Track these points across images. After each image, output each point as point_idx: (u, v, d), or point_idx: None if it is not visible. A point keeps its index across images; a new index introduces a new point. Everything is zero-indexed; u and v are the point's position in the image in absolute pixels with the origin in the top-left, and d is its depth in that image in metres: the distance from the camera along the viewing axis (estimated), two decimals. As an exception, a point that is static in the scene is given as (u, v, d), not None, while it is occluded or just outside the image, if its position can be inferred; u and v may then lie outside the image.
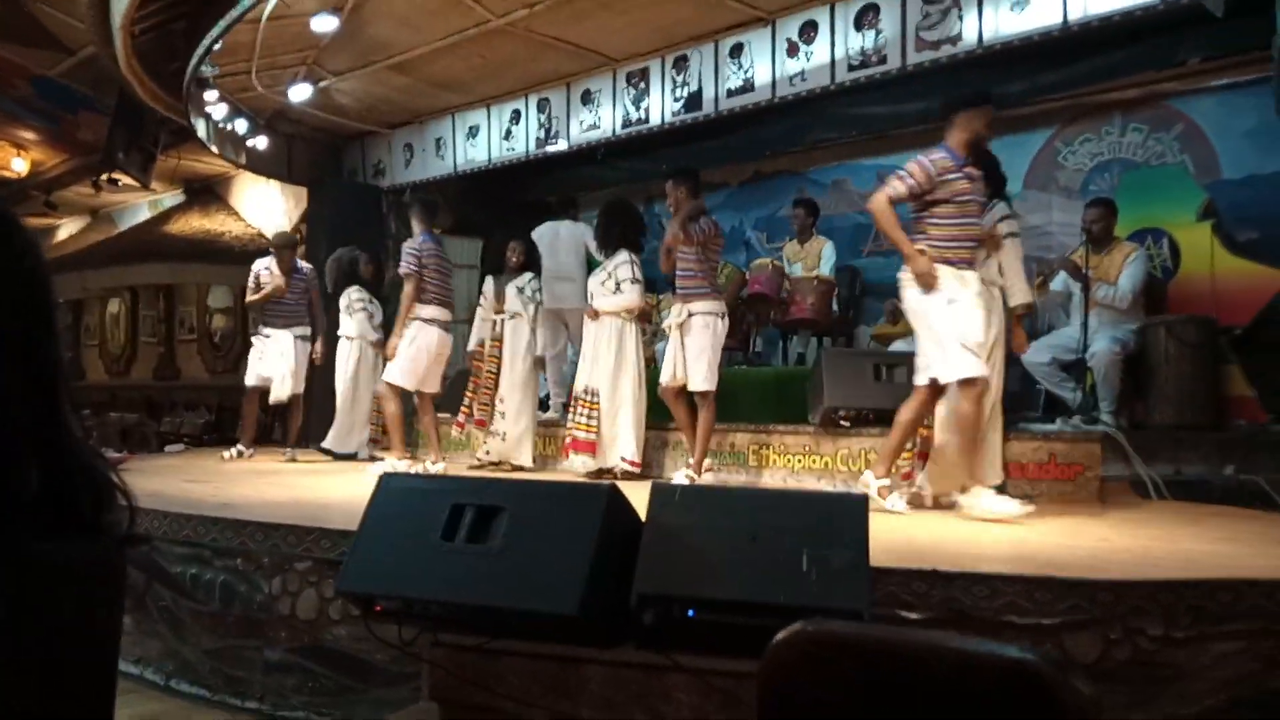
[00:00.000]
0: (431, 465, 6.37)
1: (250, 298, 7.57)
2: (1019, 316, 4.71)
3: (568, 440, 6.08)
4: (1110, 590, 2.72)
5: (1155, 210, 6.51)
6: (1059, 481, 4.93)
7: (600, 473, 5.88)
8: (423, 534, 2.53)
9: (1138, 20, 5.33)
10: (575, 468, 5.95)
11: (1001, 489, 4.49)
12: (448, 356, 6.55)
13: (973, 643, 0.85)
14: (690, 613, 2.37)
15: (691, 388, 5.53)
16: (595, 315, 5.98)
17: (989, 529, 4.07)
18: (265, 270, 7.43)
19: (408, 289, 6.28)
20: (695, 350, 5.50)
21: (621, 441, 5.93)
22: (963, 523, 4.27)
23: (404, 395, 6.55)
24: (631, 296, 5.96)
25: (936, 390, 4.33)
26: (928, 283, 4.21)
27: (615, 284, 5.94)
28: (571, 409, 6.11)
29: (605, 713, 2.56)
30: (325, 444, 7.56)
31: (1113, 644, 2.69)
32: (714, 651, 2.40)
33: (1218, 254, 6.14)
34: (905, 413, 4.42)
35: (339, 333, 7.66)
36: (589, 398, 5.93)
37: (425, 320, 6.32)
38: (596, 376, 5.93)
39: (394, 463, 6.19)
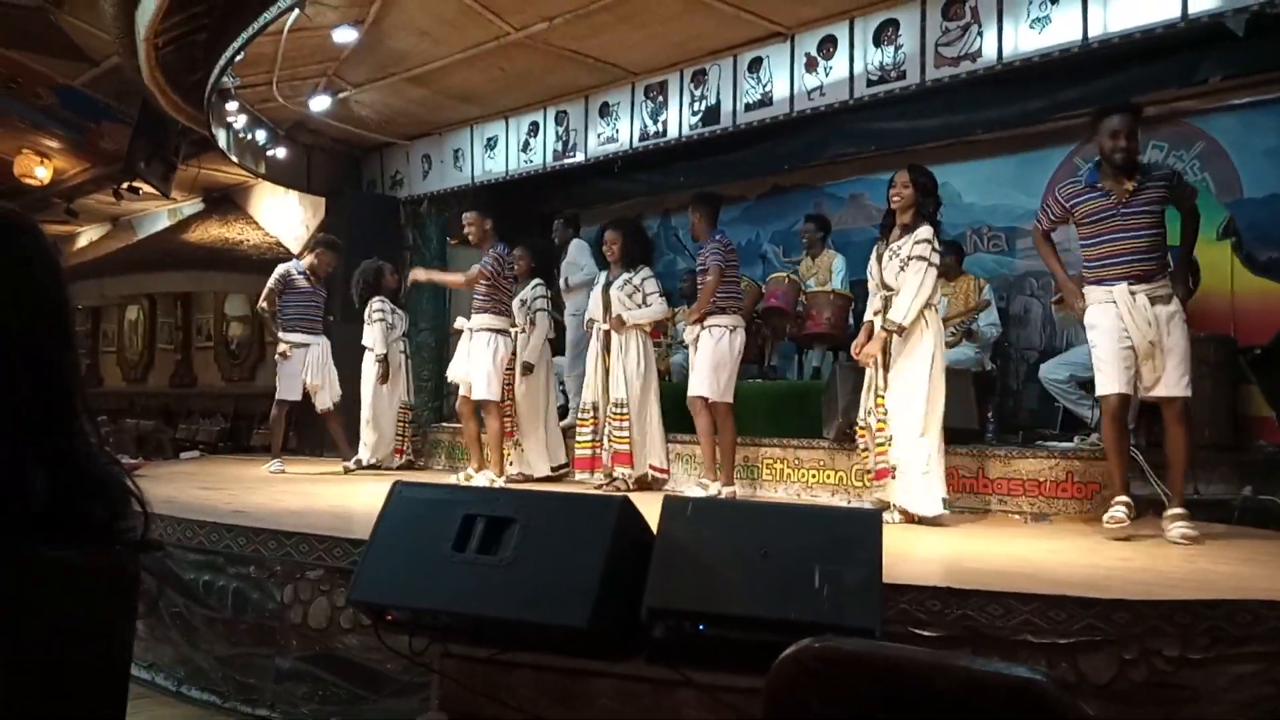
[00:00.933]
0: (478, 474, 6.40)
1: (262, 302, 7.47)
2: (885, 329, 4.74)
3: (599, 453, 6.08)
4: (1126, 610, 2.69)
5: (1175, 228, 6.44)
6: (1076, 500, 4.90)
7: (616, 480, 5.94)
8: (434, 544, 2.53)
9: (1158, 38, 5.30)
10: (616, 478, 6.02)
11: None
12: None
13: (979, 662, 0.84)
14: (701, 627, 2.36)
15: (701, 393, 5.62)
16: (621, 325, 6.01)
17: (1004, 546, 4.05)
18: (300, 275, 7.37)
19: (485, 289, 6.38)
20: (701, 359, 5.64)
21: (651, 450, 6.04)
22: (978, 540, 4.25)
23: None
24: (662, 308, 6.16)
25: (1121, 403, 4.38)
26: (1071, 308, 4.52)
27: (643, 297, 6.03)
28: (596, 421, 6.11)
29: (614, 727, 2.55)
30: (361, 458, 7.58)
31: (1128, 664, 2.66)
32: (724, 667, 2.39)
33: (1238, 273, 6.09)
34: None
35: (364, 343, 7.71)
36: (620, 410, 5.98)
37: (499, 331, 6.42)
38: (624, 388, 5.98)
39: (491, 476, 6.30)
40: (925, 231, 4.79)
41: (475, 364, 6.34)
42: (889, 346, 4.84)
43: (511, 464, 6.74)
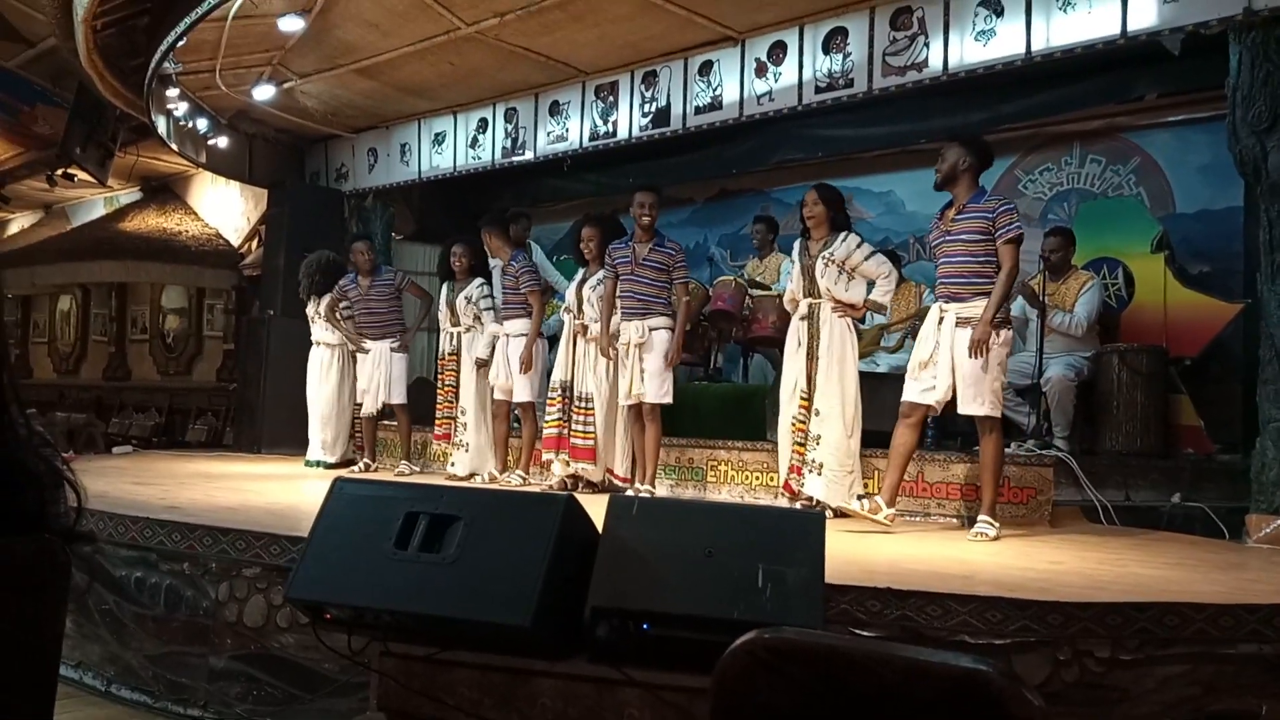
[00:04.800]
0: (503, 474, 6.46)
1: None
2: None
3: (565, 433, 5.98)
4: (1060, 612, 2.75)
5: (1110, 240, 6.63)
6: (1012, 504, 4.98)
7: (585, 484, 5.89)
8: (375, 542, 2.49)
9: (1098, 54, 5.44)
10: (558, 472, 5.98)
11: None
12: None
13: (925, 652, 0.85)
14: (645, 627, 2.35)
15: (650, 399, 5.56)
16: (585, 334, 5.95)
17: (943, 549, 4.11)
18: (350, 282, 7.30)
19: (539, 307, 6.37)
20: (656, 365, 5.56)
21: (614, 456, 5.96)
22: (917, 542, 4.31)
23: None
24: None
25: (910, 408, 4.69)
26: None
27: None
28: (565, 401, 6.00)
29: (556, 726, 2.54)
30: (313, 456, 7.45)
31: (1061, 665, 2.72)
32: (668, 667, 2.39)
33: (1170, 285, 6.25)
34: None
35: (315, 339, 7.53)
36: (586, 405, 5.91)
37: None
38: (590, 384, 5.91)
39: (521, 475, 6.39)
40: (852, 237, 5.14)
41: (516, 367, 6.32)
42: (817, 349, 5.07)
43: (454, 464, 6.69)
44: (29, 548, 0.98)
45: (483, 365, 6.62)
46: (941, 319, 4.59)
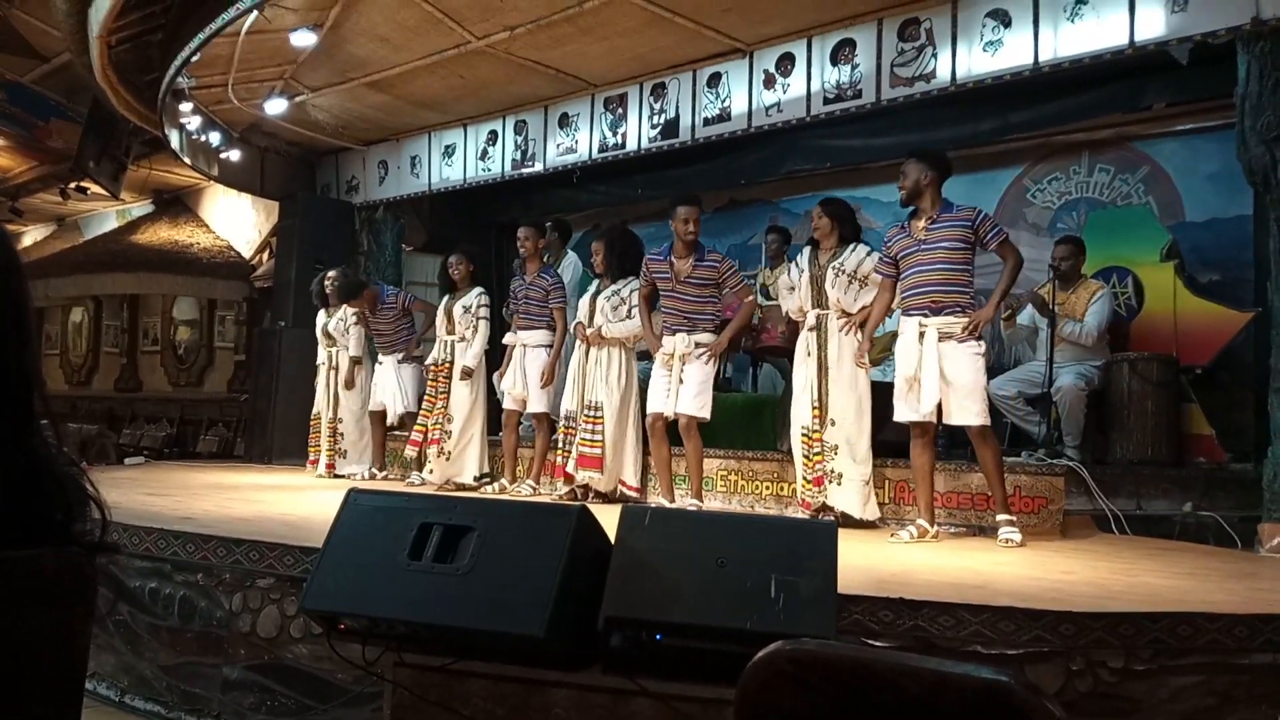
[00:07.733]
0: (514, 485, 6.49)
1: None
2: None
3: (566, 459, 5.99)
4: (1072, 622, 2.75)
5: (1120, 249, 6.63)
6: (1022, 514, 4.97)
7: (595, 494, 5.85)
8: (389, 552, 2.51)
9: (1106, 64, 5.45)
10: (581, 481, 5.92)
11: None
12: None
13: (947, 664, 0.86)
14: (658, 637, 2.36)
15: (696, 414, 5.47)
16: (600, 339, 5.88)
17: (955, 559, 4.11)
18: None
19: (564, 323, 6.35)
20: (700, 379, 5.48)
21: (625, 467, 5.93)
22: (928, 552, 4.31)
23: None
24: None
25: (919, 429, 4.69)
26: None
27: (627, 310, 5.88)
28: (572, 431, 5.97)
29: (569, 736, 2.54)
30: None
31: (1075, 675, 2.72)
32: (681, 676, 2.40)
33: (1180, 294, 6.25)
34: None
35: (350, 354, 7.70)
36: (595, 413, 5.87)
37: (550, 346, 6.41)
38: (601, 393, 5.88)
39: (531, 485, 6.41)
40: (861, 247, 5.15)
41: (533, 378, 6.33)
42: (826, 359, 5.10)
43: (432, 472, 6.70)
44: (56, 560, 1.00)
45: (468, 375, 6.64)
46: (922, 333, 4.57)
